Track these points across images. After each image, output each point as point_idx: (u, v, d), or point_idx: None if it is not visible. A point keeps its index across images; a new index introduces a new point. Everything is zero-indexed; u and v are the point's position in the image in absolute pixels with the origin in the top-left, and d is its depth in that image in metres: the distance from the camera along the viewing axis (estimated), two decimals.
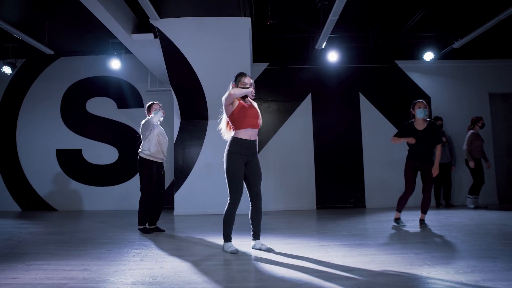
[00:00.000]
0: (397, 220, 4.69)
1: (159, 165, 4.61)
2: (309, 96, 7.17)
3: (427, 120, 4.52)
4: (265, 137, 7.05)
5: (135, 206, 7.24)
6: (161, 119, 4.59)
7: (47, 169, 7.53)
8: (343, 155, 7.08)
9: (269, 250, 3.35)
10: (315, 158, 7.05)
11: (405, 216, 5.55)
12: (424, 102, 4.55)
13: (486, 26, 5.61)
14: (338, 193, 6.96)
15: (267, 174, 7.03)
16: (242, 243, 3.74)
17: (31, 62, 7.72)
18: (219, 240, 3.87)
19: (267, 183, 6.99)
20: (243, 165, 3.33)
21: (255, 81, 7.20)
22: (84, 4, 4.54)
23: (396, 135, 4.65)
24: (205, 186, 6.55)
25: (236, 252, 3.32)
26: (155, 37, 5.55)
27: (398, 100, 7.22)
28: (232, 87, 3.42)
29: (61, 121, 7.65)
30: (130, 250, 3.51)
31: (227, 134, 3.47)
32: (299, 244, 3.67)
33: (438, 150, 4.49)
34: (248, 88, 3.36)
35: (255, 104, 3.49)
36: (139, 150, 4.53)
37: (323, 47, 6.28)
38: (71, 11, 5.91)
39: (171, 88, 6.31)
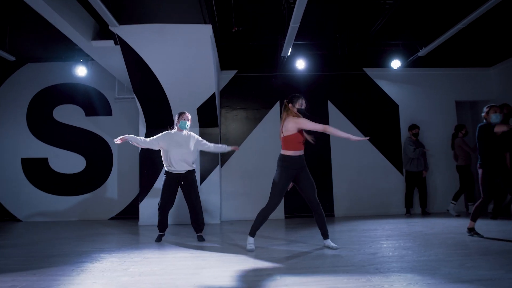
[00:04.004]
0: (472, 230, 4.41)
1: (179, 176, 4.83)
2: (278, 104, 7.12)
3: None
4: (233, 145, 6.94)
5: (103, 215, 7.19)
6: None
7: (11, 178, 7.30)
8: (311, 163, 6.92)
9: (335, 247, 3.87)
10: None
11: (372, 225, 5.52)
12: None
13: (447, 35, 5.66)
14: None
15: (235, 182, 6.95)
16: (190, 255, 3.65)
17: None
18: (163, 255, 3.79)
19: (234, 192, 6.91)
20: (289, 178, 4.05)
21: (223, 89, 7.15)
22: (35, 9, 4.43)
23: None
24: None
25: (252, 250, 3.87)
26: (116, 44, 5.45)
27: (367, 107, 7.24)
28: (290, 107, 3.94)
29: (27, 129, 7.45)
30: (73, 264, 3.39)
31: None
32: (233, 260, 3.58)
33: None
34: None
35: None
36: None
37: (289, 54, 6.25)
38: (33, 16, 5.75)
39: (135, 95, 6.21)
